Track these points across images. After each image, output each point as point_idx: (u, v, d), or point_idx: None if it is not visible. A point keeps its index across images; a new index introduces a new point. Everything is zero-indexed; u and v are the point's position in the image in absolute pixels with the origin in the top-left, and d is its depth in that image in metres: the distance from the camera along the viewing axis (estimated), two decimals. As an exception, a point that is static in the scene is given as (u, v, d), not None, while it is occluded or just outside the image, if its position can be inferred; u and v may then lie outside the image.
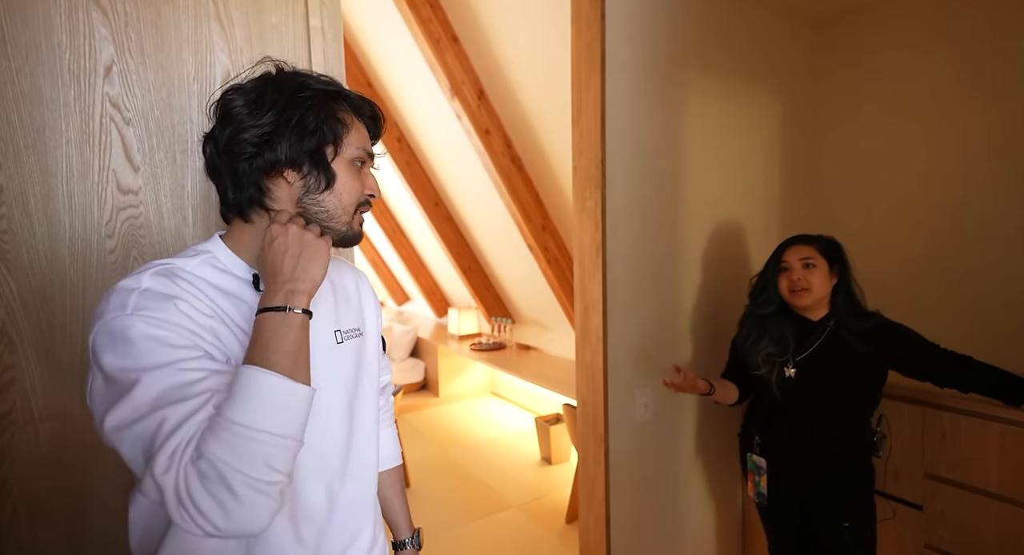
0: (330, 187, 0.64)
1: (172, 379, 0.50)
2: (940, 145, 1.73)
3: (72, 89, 0.79)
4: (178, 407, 0.49)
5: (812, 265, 1.29)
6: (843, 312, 1.29)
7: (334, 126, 0.63)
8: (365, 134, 0.68)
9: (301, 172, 0.63)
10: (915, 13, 1.75)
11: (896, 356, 1.27)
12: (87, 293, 0.82)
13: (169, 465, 0.47)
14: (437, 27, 2.45)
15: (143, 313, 0.52)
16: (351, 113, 0.67)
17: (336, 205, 0.65)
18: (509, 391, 4.29)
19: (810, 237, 1.35)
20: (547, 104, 2.32)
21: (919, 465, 1.41)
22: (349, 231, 0.67)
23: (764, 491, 1.37)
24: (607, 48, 1.48)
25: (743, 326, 1.45)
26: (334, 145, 0.64)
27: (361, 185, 0.67)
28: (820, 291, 1.28)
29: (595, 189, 1.54)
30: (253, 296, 0.64)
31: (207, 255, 0.64)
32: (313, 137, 0.62)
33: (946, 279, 1.75)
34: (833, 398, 1.28)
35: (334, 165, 0.64)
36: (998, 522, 1.26)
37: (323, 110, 0.63)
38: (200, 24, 0.89)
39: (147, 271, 0.58)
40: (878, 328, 1.27)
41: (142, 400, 0.49)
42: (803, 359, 1.31)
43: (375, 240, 5.27)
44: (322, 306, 0.71)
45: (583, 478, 1.67)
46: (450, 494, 2.76)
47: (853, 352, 1.26)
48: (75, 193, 0.80)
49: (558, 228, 2.87)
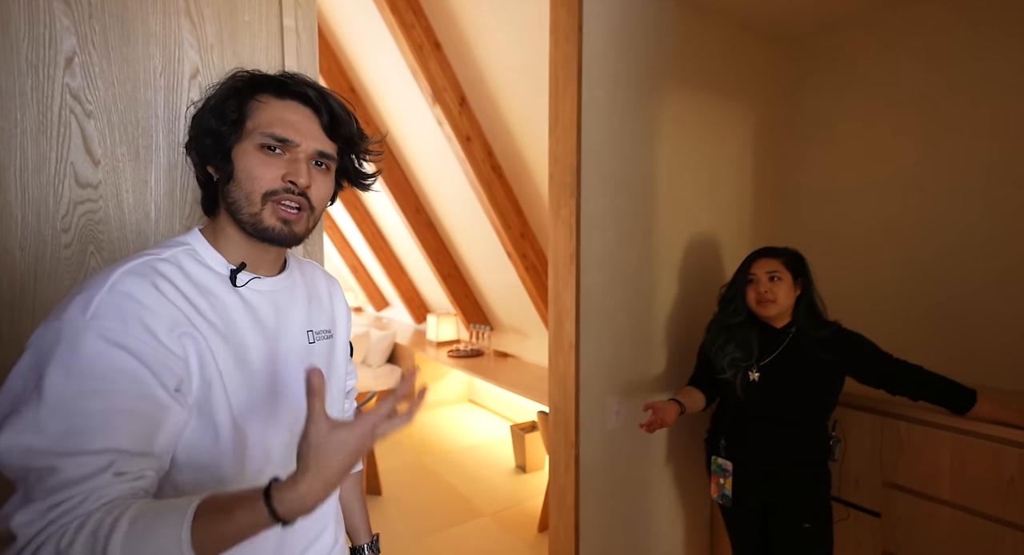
0: (231, 177, 0.60)
1: (87, 421, 0.47)
2: (910, 160, 1.80)
3: (29, 79, 0.77)
4: (77, 461, 0.46)
5: (778, 278, 1.35)
6: (804, 321, 1.36)
7: (226, 107, 0.60)
8: (287, 117, 0.61)
9: (212, 161, 0.62)
10: (886, 32, 1.82)
11: (851, 363, 1.32)
12: (38, 288, 0.79)
13: (35, 520, 0.44)
14: (420, 33, 2.46)
15: (101, 322, 0.49)
16: (271, 95, 0.62)
17: (239, 196, 0.60)
18: (486, 398, 4.26)
19: (776, 250, 1.41)
20: (528, 113, 2.34)
21: (878, 474, 1.44)
22: (258, 224, 0.60)
23: (728, 493, 1.41)
24: (584, 59, 1.51)
25: (710, 331, 1.50)
26: (233, 128, 0.60)
27: (271, 174, 0.60)
28: (785, 302, 1.35)
29: (570, 197, 1.55)
30: (229, 292, 0.62)
31: (186, 247, 0.62)
32: (207, 123, 0.60)
33: (914, 291, 1.81)
34: (793, 402, 1.33)
35: (235, 151, 0.60)
36: (951, 529, 1.30)
37: (226, 95, 0.61)
38: (169, 19, 0.88)
39: (121, 267, 0.54)
40: (836, 337, 1.34)
41: (48, 432, 0.46)
42: (767, 364, 1.37)
43: (355, 245, 5.22)
44: (296, 306, 0.71)
45: (554, 486, 1.67)
46: (423, 502, 2.72)
47: (812, 359, 1.32)
48: (29, 186, 0.78)
49: (537, 236, 2.88)
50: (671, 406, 1.38)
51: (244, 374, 0.61)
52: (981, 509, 1.25)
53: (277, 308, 0.68)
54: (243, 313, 0.63)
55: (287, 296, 0.70)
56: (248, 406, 0.61)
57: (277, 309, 0.68)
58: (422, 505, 2.68)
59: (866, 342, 1.34)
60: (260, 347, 0.64)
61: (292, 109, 0.62)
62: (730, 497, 1.41)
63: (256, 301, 0.65)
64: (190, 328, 0.56)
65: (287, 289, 0.70)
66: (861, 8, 1.82)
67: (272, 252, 0.67)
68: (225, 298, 0.62)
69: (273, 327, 0.66)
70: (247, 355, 0.62)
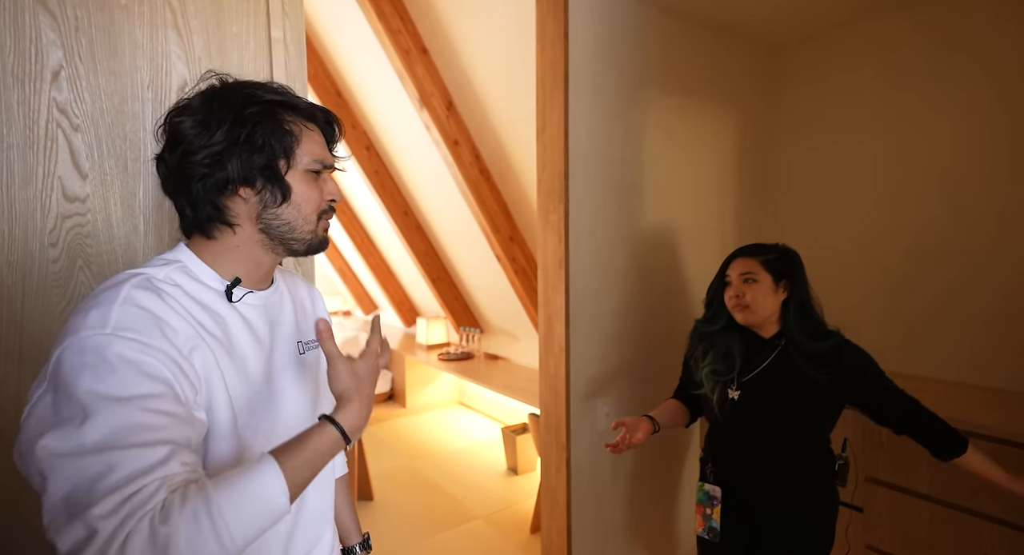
0: (287, 200, 0.64)
1: (131, 419, 0.47)
2: (887, 165, 1.85)
3: (16, 93, 0.77)
4: (132, 454, 0.46)
5: (753, 280, 1.17)
6: (795, 330, 1.15)
7: (283, 139, 0.62)
8: (320, 141, 0.67)
9: (255, 188, 0.62)
10: (863, 40, 1.87)
11: (845, 383, 1.12)
12: (26, 303, 0.79)
13: (114, 511, 0.43)
14: (406, 38, 2.46)
15: (125, 334, 0.50)
16: (302, 121, 0.65)
17: (296, 217, 0.65)
18: (477, 401, 4.27)
19: (759, 248, 1.23)
20: (515, 117, 2.36)
21: (860, 469, 1.48)
22: (315, 239, 0.68)
23: (716, 525, 1.22)
24: (570, 66, 1.53)
25: (691, 339, 1.34)
26: (286, 158, 0.63)
27: (320, 193, 0.67)
28: (762, 308, 1.16)
29: (559, 202, 1.57)
30: (227, 307, 0.63)
31: (178, 264, 0.62)
32: (262, 153, 0.61)
33: (892, 294, 1.86)
34: (778, 425, 1.15)
35: (288, 177, 0.63)
36: (929, 521, 1.34)
37: (271, 123, 0.62)
38: (156, 32, 0.88)
39: (126, 283, 0.55)
40: (834, 352, 1.13)
41: (92, 434, 0.45)
42: (748, 380, 1.18)
43: (343, 249, 5.19)
44: (286, 318, 0.72)
45: (546, 487, 1.68)
46: (415, 506, 2.72)
47: (803, 376, 1.12)
48: (16, 200, 0.77)
49: (526, 239, 2.90)
50: (643, 424, 1.21)
51: (247, 388, 0.63)
52: (958, 502, 1.30)
53: (270, 322, 0.69)
54: (242, 327, 0.64)
55: (277, 309, 0.72)
56: (251, 421, 0.62)
57: (270, 323, 0.69)
58: (414, 509, 2.68)
59: (868, 361, 1.14)
60: (259, 360, 0.65)
61: (318, 134, 0.68)
62: (718, 530, 1.21)
63: (251, 315, 0.67)
64: (199, 342, 0.57)
65: (277, 302, 0.72)
66: (832, 21, 1.87)
67: (267, 264, 0.68)
68: (224, 313, 0.63)
69: (267, 340, 0.68)
70: (247, 368, 0.63)
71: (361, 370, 0.60)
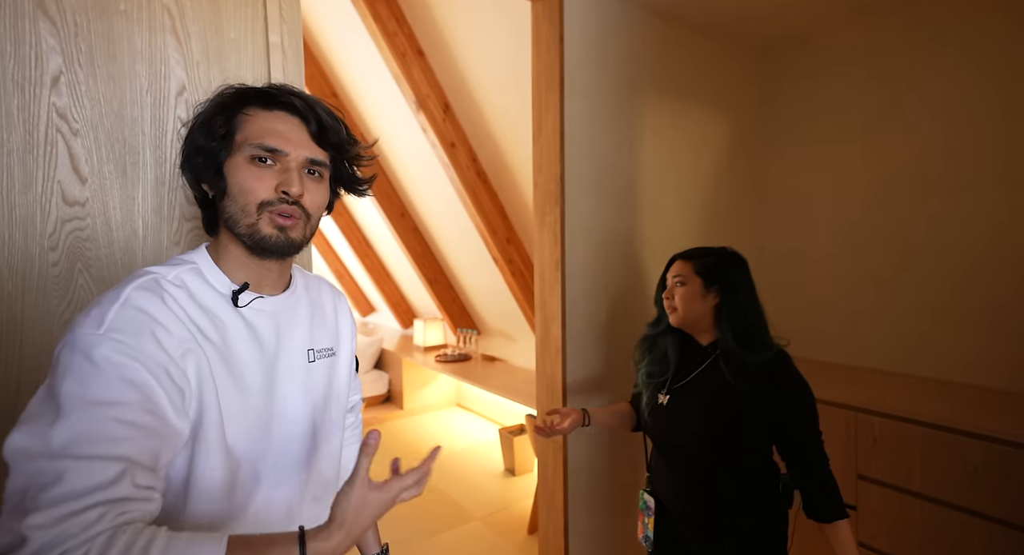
0: (225, 191, 0.61)
1: (95, 427, 0.47)
2: (879, 167, 1.87)
3: (16, 99, 0.77)
4: (84, 467, 0.45)
5: (681, 283, 1.14)
6: (727, 339, 1.09)
7: (213, 123, 0.60)
8: (274, 127, 0.61)
9: (206, 179, 0.63)
10: (855, 42, 1.90)
11: (769, 403, 1.04)
12: (26, 306, 0.79)
13: (51, 524, 0.42)
14: (403, 41, 2.47)
15: (115, 335, 0.51)
16: (258, 107, 0.62)
17: (236, 210, 0.61)
18: (474, 403, 4.27)
19: (699, 251, 1.18)
20: (512, 119, 2.37)
21: (852, 467, 1.50)
22: (255, 234, 0.61)
23: (651, 534, 1.18)
24: (566, 70, 1.54)
25: (639, 342, 1.29)
26: (222, 143, 0.61)
27: (264, 185, 0.60)
28: (688, 311, 1.13)
29: (554, 205, 1.59)
30: (231, 312, 0.63)
31: (192, 266, 0.63)
32: (196, 140, 0.61)
33: (883, 295, 1.88)
34: (696, 437, 1.09)
35: (226, 166, 0.61)
36: (921, 519, 1.36)
37: (213, 108, 0.61)
38: (155, 37, 0.89)
39: (131, 283, 0.56)
40: (765, 366, 1.05)
41: (57, 438, 0.45)
42: (679, 387, 1.15)
43: (340, 251, 5.19)
44: (298, 325, 0.71)
45: (543, 488, 1.69)
46: (413, 507, 2.72)
47: (727, 387, 1.07)
48: (16, 205, 0.78)
49: (522, 241, 2.91)
50: (572, 414, 1.20)
51: (241, 395, 0.61)
52: (949, 500, 1.31)
53: (278, 328, 0.68)
54: (243, 334, 0.63)
55: (289, 315, 0.70)
56: (242, 429, 0.61)
57: (278, 329, 0.68)
58: (412, 510, 2.69)
59: (802, 394, 1.05)
60: (257, 367, 0.64)
61: (280, 119, 0.62)
62: (652, 540, 1.18)
63: (257, 321, 0.65)
64: (194, 346, 0.57)
65: (290, 308, 0.70)
66: (823, 23, 1.89)
67: (275, 269, 0.67)
68: (226, 318, 0.62)
69: (273, 347, 0.66)
70: (244, 376, 0.62)
71: (373, 500, 0.54)
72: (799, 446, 1.04)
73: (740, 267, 1.15)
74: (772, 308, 1.18)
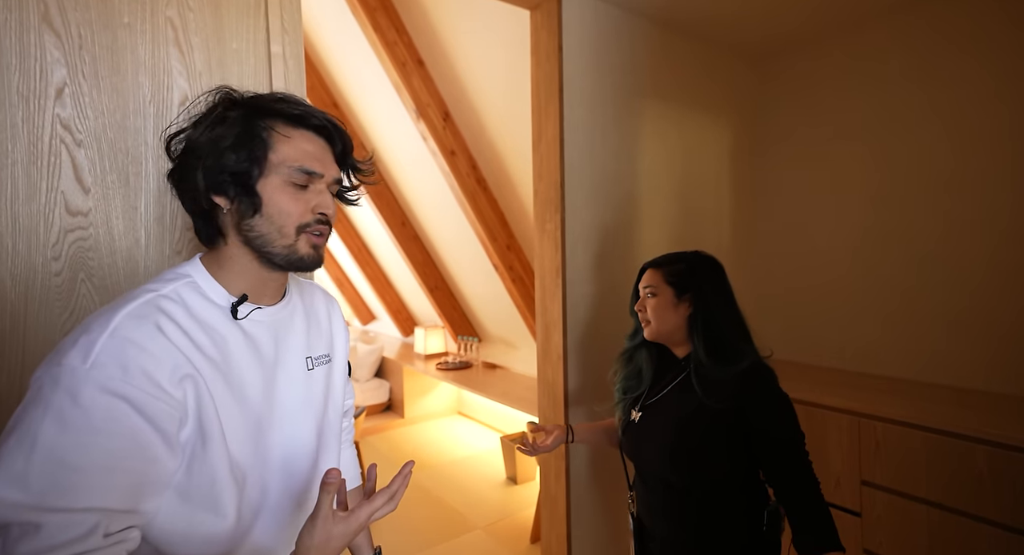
0: (259, 211, 0.60)
1: (73, 479, 0.46)
2: (880, 171, 1.88)
3: (20, 110, 0.78)
4: (63, 521, 0.44)
5: (654, 294, 1.08)
6: (699, 351, 1.02)
7: (251, 145, 0.59)
8: (308, 149, 0.62)
9: (228, 197, 0.60)
10: (854, 47, 1.91)
11: (742, 417, 0.96)
12: (28, 317, 0.80)
13: None
14: (403, 51, 2.49)
15: (102, 371, 0.48)
16: (285, 127, 0.61)
17: (270, 229, 0.61)
18: (475, 410, 4.26)
19: (669, 258, 1.12)
20: (511, 127, 2.39)
21: (856, 473, 1.49)
22: (292, 255, 0.62)
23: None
24: (565, 78, 1.56)
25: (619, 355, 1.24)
26: (257, 166, 0.59)
27: (302, 206, 0.61)
28: (660, 324, 1.06)
29: (555, 212, 1.59)
30: (230, 325, 0.62)
31: (188, 279, 0.61)
32: (225, 159, 0.58)
33: (887, 299, 1.88)
34: (665, 456, 1.01)
35: (260, 187, 0.60)
36: (928, 526, 1.34)
37: (242, 128, 0.59)
38: (158, 48, 0.90)
39: (123, 308, 0.53)
40: (736, 380, 0.97)
41: (33, 485, 0.44)
42: (651, 403, 1.08)
43: (340, 259, 5.20)
44: (295, 334, 0.71)
45: (545, 496, 1.68)
46: (414, 517, 2.70)
47: (699, 404, 0.99)
48: (20, 215, 0.79)
49: (523, 248, 2.92)
50: (556, 430, 1.16)
51: (242, 411, 0.61)
52: (955, 506, 1.30)
53: (276, 338, 0.68)
54: (243, 347, 0.63)
55: (286, 324, 0.70)
56: (245, 442, 0.61)
57: (276, 339, 0.67)
58: (414, 520, 2.66)
59: (774, 404, 0.96)
60: (258, 380, 0.64)
61: (311, 140, 0.63)
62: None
63: (256, 332, 0.65)
64: (191, 370, 0.55)
65: (287, 317, 0.70)
66: (822, 29, 1.91)
67: (279, 278, 0.67)
68: (225, 332, 0.61)
69: (272, 358, 0.66)
70: (245, 390, 0.62)
71: (337, 533, 0.55)
72: (778, 467, 0.94)
73: (713, 272, 1.08)
74: (774, 313, 1.18)
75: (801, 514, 0.92)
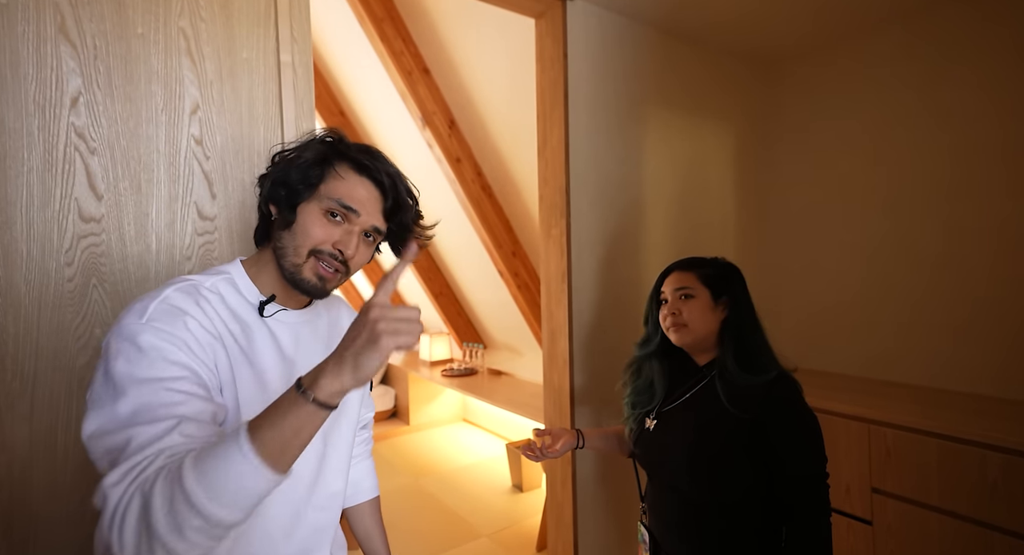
0: (289, 226, 0.67)
1: (153, 397, 0.53)
2: (886, 179, 1.88)
3: (36, 119, 0.80)
4: (148, 428, 0.52)
5: (690, 296, 1.03)
6: (728, 358, 0.98)
7: (310, 171, 0.67)
8: (356, 191, 0.67)
9: (277, 207, 0.69)
10: (859, 55, 1.92)
11: (762, 430, 0.92)
12: (42, 320, 0.81)
13: (121, 480, 0.49)
14: (409, 60, 2.52)
15: (155, 324, 0.57)
16: (346, 168, 0.69)
17: (290, 244, 0.67)
18: (481, 417, 4.24)
19: (696, 261, 1.08)
20: (516, 134, 2.40)
21: (867, 481, 1.47)
22: (296, 274, 0.66)
23: None
24: (570, 85, 1.57)
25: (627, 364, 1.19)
26: (308, 188, 0.67)
27: (323, 235, 0.66)
28: (701, 327, 1.01)
29: (560, 217, 1.60)
30: (257, 320, 0.68)
31: (227, 276, 0.69)
32: (288, 176, 0.67)
33: (893, 306, 1.87)
34: (681, 465, 0.97)
35: (301, 207, 0.67)
36: (939, 534, 1.32)
37: (314, 156, 0.68)
38: (171, 58, 0.91)
39: (170, 286, 0.63)
40: (763, 391, 0.93)
41: (122, 412, 0.52)
42: (668, 410, 1.04)
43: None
44: (316, 340, 0.75)
45: (551, 503, 1.67)
46: (420, 525, 2.69)
47: (721, 412, 0.95)
48: (34, 221, 0.80)
49: (528, 254, 2.92)
50: (565, 434, 1.11)
51: (260, 390, 0.66)
52: (968, 514, 1.28)
53: (297, 340, 0.73)
54: (267, 340, 0.69)
55: (309, 329, 0.75)
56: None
57: (297, 341, 0.73)
58: (419, 528, 2.65)
59: (799, 418, 0.92)
60: (277, 372, 0.69)
61: (364, 186, 0.69)
62: None
63: (279, 331, 0.71)
64: (221, 347, 0.62)
65: (309, 322, 0.75)
66: (826, 37, 1.91)
67: None
68: (253, 325, 0.68)
69: (291, 356, 0.71)
70: (265, 376, 0.67)
71: (358, 321, 0.51)
72: (790, 482, 0.90)
73: (740, 278, 1.06)
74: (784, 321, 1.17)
75: (800, 537, 0.89)
